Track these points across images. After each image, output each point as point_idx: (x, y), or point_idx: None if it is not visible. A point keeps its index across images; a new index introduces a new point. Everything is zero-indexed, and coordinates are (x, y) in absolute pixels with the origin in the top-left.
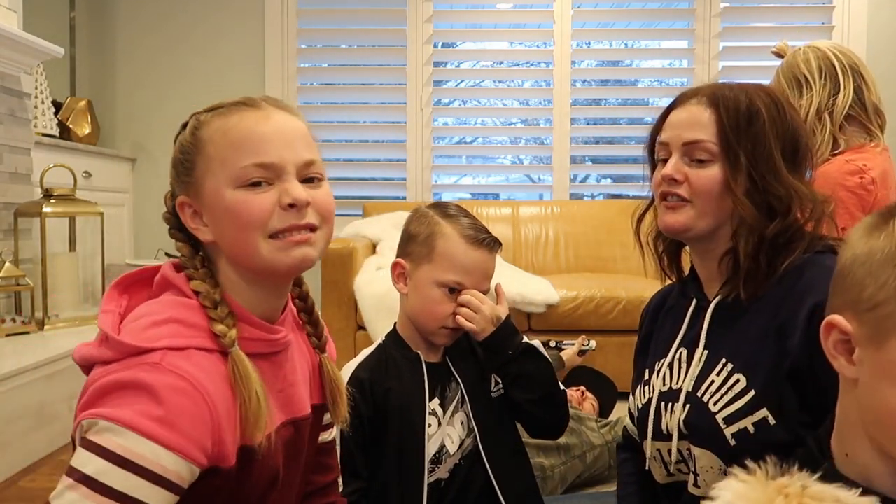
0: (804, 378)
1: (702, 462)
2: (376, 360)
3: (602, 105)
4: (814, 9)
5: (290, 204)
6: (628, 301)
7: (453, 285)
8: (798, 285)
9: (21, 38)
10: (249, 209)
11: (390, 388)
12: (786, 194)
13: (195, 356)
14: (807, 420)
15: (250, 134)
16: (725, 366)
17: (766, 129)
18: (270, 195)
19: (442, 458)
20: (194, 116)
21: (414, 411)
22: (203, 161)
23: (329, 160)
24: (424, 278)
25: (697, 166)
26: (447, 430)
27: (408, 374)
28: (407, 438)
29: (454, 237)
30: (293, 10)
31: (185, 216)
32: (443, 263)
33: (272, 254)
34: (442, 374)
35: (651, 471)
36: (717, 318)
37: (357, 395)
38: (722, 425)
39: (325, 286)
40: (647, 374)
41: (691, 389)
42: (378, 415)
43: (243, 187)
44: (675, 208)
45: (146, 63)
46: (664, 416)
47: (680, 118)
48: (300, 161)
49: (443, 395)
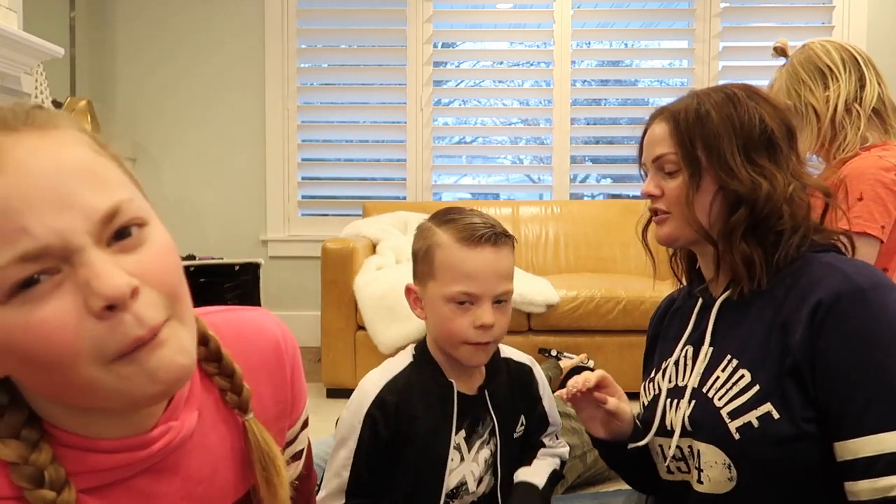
0: (806, 374)
1: (706, 458)
2: (406, 382)
3: (602, 105)
4: (814, 9)
5: (107, 307)
6: (628, 301)
7: (461, 298)
8: (800, 283)
9: (21, 38)
10: (35, 335)
11: (416, 416)
12: (747, 188)
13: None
14: (810, 415)
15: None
16: (731, 362)
17: (718, 126)
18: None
19: (460, 494)
20: None
21: (438, 443)
22: None
23: (329, 160)
24: (433, 297)
25: (667, 178)
26: (470, 466)
27: (437, 402)
28: (426, 470)
29: (449, 243)
30: (293, 10)
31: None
32: (444, 276)
33: (122, 386)
34: (474, 407)
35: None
36: (723, 315)
37: (379, 418)
38: (727, 419)
39: (324, 286)
40: (654, 373)
41: (697, 385)
42: (398, 439)
43: (12, 298)
44: (660, 222)
45: (146, 63)
46: (669, 411)
47: (648, 138)
48: (94, 219)
49: (471, 430)
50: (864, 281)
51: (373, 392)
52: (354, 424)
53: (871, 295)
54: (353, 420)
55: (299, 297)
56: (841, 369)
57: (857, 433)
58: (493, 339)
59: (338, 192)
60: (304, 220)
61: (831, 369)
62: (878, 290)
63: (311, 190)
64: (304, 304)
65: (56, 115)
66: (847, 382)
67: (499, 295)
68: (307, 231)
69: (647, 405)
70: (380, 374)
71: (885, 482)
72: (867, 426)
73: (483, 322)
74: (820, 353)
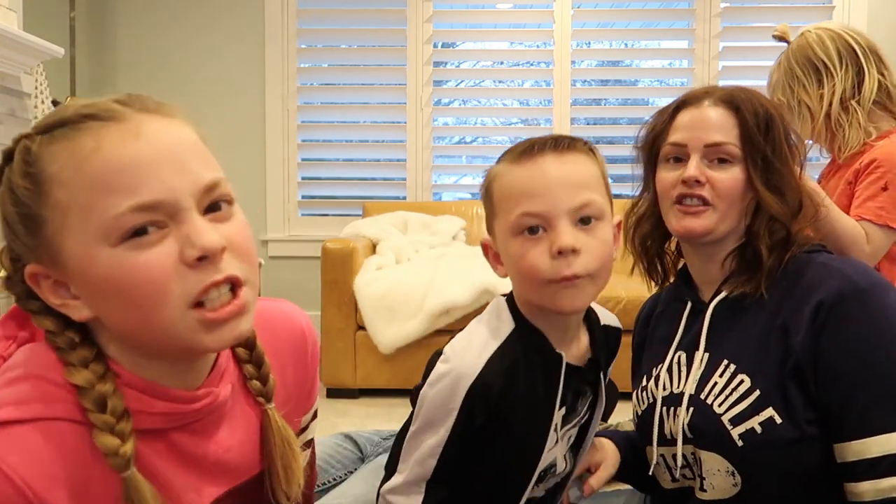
0: (809, 375)
1: (709, 465)
2: (511, 359)
3: (602, 105)
4: (814, 8)
5: (200, 257)
6: (628, 301)
7: (527, 222)
8: (800, 283)
9: (21, 38)
10: (138, 275)
11: (519, 395)
12: (796, 195)
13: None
14: (812, 417)
15: (117, 163)
16: (728, 367)
17: (781, 133)
18: (166, 248)
19: (546, 477)
20: (21, 144)
21: (538, 425)
22: (53, 213)
23: (329, 160)
24: (501, 238)
25: (718, 168)
26: (561, 447)
27: (541, 378)
28: (519, 453)
29: (504, 168)
30: (293, 10)
31: (42, 290)
32: (505, 205)
33: (192, 333)
34: (580, 381)
35: (656, 477)
36: (716, 319)
37: (480, 402)
38: (728, 426)
39: (325, 286)
40: (645, 380)
41: (694, 392)
42: (494, 423)
43: (123, 242)
44: (696, 213)
45: (146, 63)
46: (667, 420)
47: (696, 120)
48: (199, 186)
49: (572, 407)
50: (864, 281)
51: (473, 371)
52: (449, 409)
53: (872, 295)
54: (447, 403)
55: (299, 297)
56: (842, 370)
57: (859, 434)
58: (584, 270)
59: (338, 192)
60: (304, 220)
61: (833, 370)
62: (878, 291)
63: (311, 190)
64: (304, 304)
65: (177, 108)
66: (848, 383)
67: (577, 209)
68: (307, 231)
69: (642, 414)
70: (479, 347)
71: (887, 483)
72: (869, 427)
73: (561, 245)
74: (821, 354)
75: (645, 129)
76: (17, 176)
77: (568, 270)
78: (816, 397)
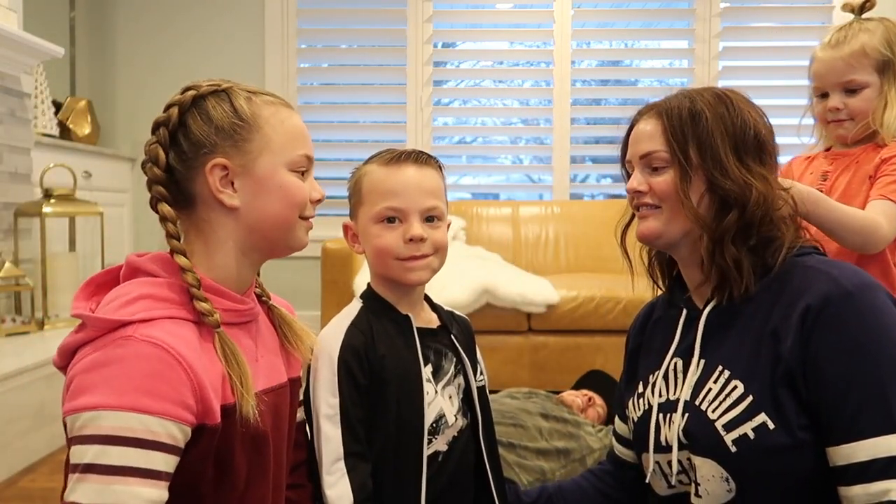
0: (799, 380)
1: (703, 471)
2: (365, 325)
3: (602, 105)
4: (814, 9)
5: (410, 239)
6: (628, 301)
7: (388, 214)
8: (787, 289)
9: (21, 38)
10: (301, 192)
11: (384, 354)
12: (739, 188)
13: (167, 324)
14: (804, 423)
15: (297, 128)
16: (722, 373)
17: (711, 127)
18: (306, 184)
19: (440, 429)
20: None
21: (411, 377)
22: (261, 138)
23: (329, 160)
24: (363, 223)
25: (654, 175)
26: (443, 401)
27: (399, 338)
28: (405, 408)
29: (374, 168)
30: (293, 10)
31: (212, 177)
32: (371, 197)
33: (298, 231)
34: (434, 341)
35: (651, 485)
36: (710, 326)
37: (353, 365)
38: (722, 432)
39: (325, 286)
40: (642, 387)
41: (689, 398)
42: (374, 382)
43: (292, 171)
44: (646, 216)
45: (146, 63)
46: (663, 427)
47: (635, 135)
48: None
49: (437, 366)
50: (851, 283)
51: (337, 340)
52: (329, 378)
53: (858, 297)
54: (326, 374)
55: (299, 297)
56: (831, 374)
57: (849, 438)
58: (429, 253)
59: (338, 192)
60: None
61: (822, 374)
62: (865, 292)
63: None
64: (304, 304)
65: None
66: (837, 387)
67: (427, 210)
68: None
69: (638, 422)
70: (337, 324)
71: (878, 487)
72: (859, 431)
73: (412, 234)
74: (810, 358)
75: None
76: (243, 105)
77: (417, 252)
78: (808, 402)
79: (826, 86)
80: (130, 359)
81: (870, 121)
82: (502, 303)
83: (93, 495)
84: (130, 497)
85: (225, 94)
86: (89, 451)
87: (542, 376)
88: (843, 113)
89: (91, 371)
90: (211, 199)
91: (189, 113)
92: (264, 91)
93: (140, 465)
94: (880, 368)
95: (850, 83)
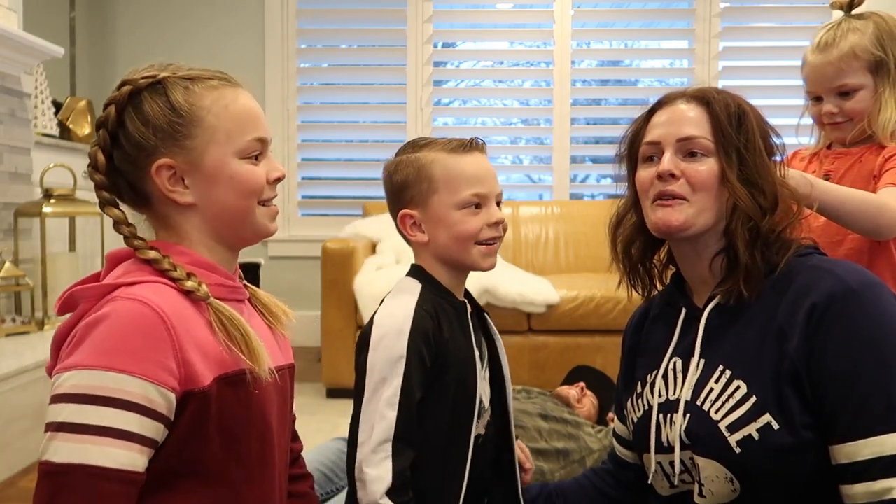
0: (804, 379)
1: (707, 472)
2: (431, 305)
3: (602, 105)
4: (814, 9)
5: (277, 178)
6: (628, 301)
7: (474, 201)
8: (792, 288)
9: (21, 38)
10: (255, 179)
11: (448, 339)
12: (773, 190)
13: (153, 286)
14: (808, 422)
15: (248, 109)
16: (724, 373)
17: (754, 128)
18: (261, 168)
19: (481, 413)
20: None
21: (469, 364)
22: (204, 131)
23: (329, 160)
24: (441, 209)
25: (692, 161)
26: (484, 385)
27: (457, 323)
28: (460, 392)
29: (444, 156)
30: (293, 10)
31: (160, 178)
32: (451, 185)
33: (262, 218)
34: (477, 328)
35: (653, 485)
36: (711, 325)
37: (423, 347)
38: (725, 433)
39: (325, 286)
40: (640, 388)
41: (690, 398)
42: (437, 366)
43: (244, 158)
44: (669, 206)
45: (146, 63)
46: (664, 427)
47: (669, 117)
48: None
49: (481, 352)
50: (855, 281)
51: (406, 319)
52: (397, 359)
53: (863, 295)
54: (394, 355)
55: (299, 297)
56: (834, 372)
57: (852, 436)
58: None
59: (338, 192)
60: (304, 220)
61: (825, 372)
62: (870, 291)
63: (311, 190)
64: (304, 304)
65: None
66: (840, 385)
67: (499, 194)
68: (307, 231)
69: (638, 423)
70: (402, 305)
71: (880, 485)
72: (862, 429)
73: (498, 218)
74: (815, 356)
75: (625, 133)
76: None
77: (499, 234)
78: (812, 401)
79: (818, 91)
80: (113, 317)
81: (865, 124)
82: (502, 303)
83: (65, 453)
84: (102, 457)
85: (161, 87)
86: (64, 410)
87: (542, 376)
88: (840, 116)
89: (79, 333)
90: (164, 198)
91: (126, 112)
92: (207, 72)
93: (114, 425)
94: (884, 366)
95: (843, 87)
